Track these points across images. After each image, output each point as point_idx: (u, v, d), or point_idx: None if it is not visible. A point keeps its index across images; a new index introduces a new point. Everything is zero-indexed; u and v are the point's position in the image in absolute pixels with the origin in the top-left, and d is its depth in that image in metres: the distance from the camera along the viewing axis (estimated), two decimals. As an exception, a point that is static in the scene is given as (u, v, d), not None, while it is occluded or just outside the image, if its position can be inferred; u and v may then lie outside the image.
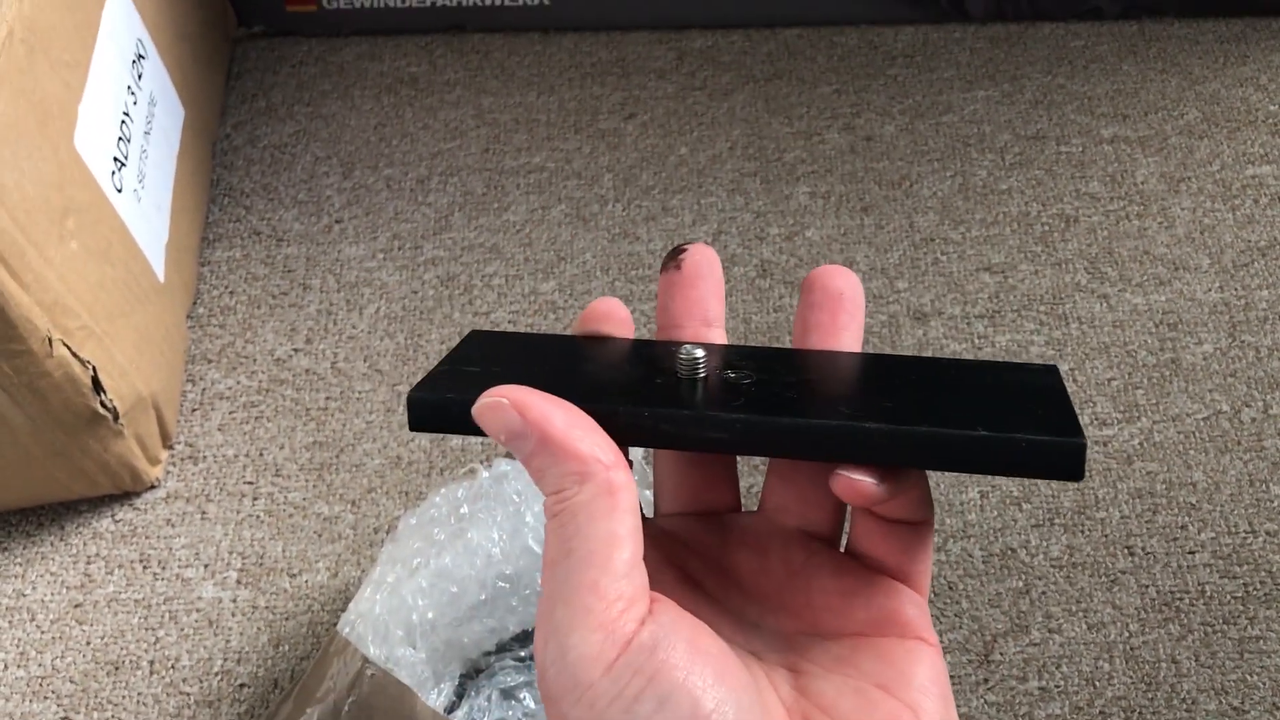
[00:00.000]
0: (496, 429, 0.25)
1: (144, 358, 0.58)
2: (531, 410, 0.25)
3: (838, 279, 0.30)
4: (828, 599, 0.28)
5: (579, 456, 0.25)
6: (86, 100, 0.54)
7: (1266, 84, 0.75)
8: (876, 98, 0.76)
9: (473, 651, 0.50)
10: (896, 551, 0.28)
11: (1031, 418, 0.25)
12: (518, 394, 0.25)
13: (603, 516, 0.24)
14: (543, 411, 0.25)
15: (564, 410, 0.25)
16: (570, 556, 0.24)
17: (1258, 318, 0.65)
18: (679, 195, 0.72)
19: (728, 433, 0.26)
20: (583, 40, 0.80)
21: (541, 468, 0.25)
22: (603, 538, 0.24)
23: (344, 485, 0.61)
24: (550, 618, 0.24)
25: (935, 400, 0.27)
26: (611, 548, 0.24)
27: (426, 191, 0.73)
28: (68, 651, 0.57)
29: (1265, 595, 0.57)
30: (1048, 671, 0.55)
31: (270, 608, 0.58)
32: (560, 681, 0.24)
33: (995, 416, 0.25)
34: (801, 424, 0.25)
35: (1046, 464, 0.24)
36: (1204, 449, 0.61)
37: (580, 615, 0.24)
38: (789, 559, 0.29)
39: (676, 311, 0.30)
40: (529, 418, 0.25)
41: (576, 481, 0.25)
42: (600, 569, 0.24)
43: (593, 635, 0.24)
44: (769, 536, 0.30)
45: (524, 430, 0.25)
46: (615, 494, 0.25)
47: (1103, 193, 0.71)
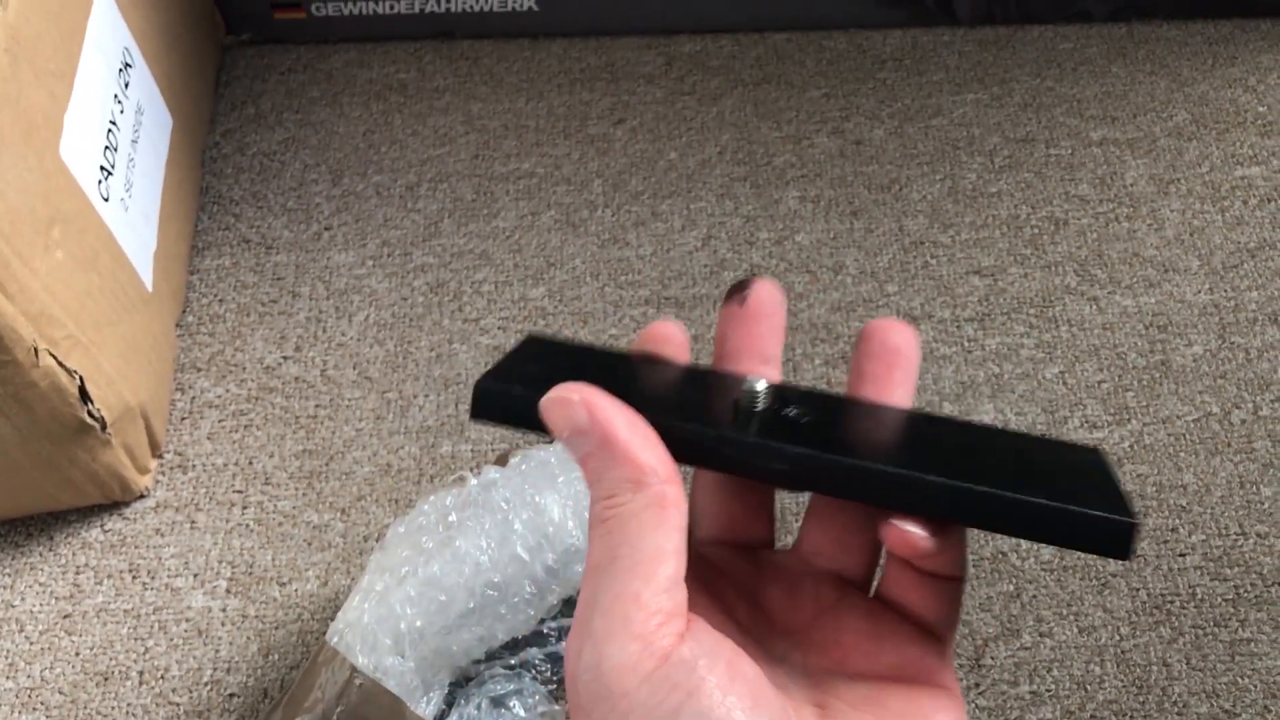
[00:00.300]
0: (561, 424, 0.25)
1: (132, 367, 0.58)
2: (599, 411, 0.25)
3: (896, 335, 0.30)
4: (857, 640, 0.28)
5: (637, 464, 0.25)
6: (72, 109, 0.54)
7: (1255, 85, 0.75)
8: (865, 101, 0.76)
9: (462, 660, 0.50)
10: (928, 604, 0.28)
11: (1086, 493, 0.26)
12: (588, 392, 0.25)
13: (652, 528, 0.24)
14: (609, 414, 0.25)
15: (629, 416, 0.25)
16: (615, 564, 0.24)
17: (1247, 319, 0.65)
18: (668, 200, 0.72)
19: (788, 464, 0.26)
20: (572, 46, 0.80)
21: (598, 470, 0.25)
22: (650, 549, 0.24)
23: (334, 493, 0.61)
24: (587, 624, 0.24)
25: (991, 463, 0.27)
26: (657, 561, 0.24)
27: (416, 198, 0.73)
28: (56, 662, 0.57)
29: (1256, 597, 0.56)
30: (1039, 675, 0.55)
31: (260, 617, 0.58)
32: (593, 689, 0.24)
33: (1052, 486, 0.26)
34: (863, 466, 0.26)
35: (1098, 539, 0.25)
36: (1194, 451, 0.61)
37: (619, 624, 0.24)
38: (820, 597, 0.30)
39: (735, 345, 0.30)
40: (596, 417, 0.25)
41: (631, 489, 0.25)
42: (644, 580, 0.24)
43: (631, 645, 0.23)
44: (801, 574, 0.30)
45: (588, 429, 0.25)
46: (667, 508, 0.25)
47: (1092, 195, 0.71)
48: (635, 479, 0.25)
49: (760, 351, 0.30)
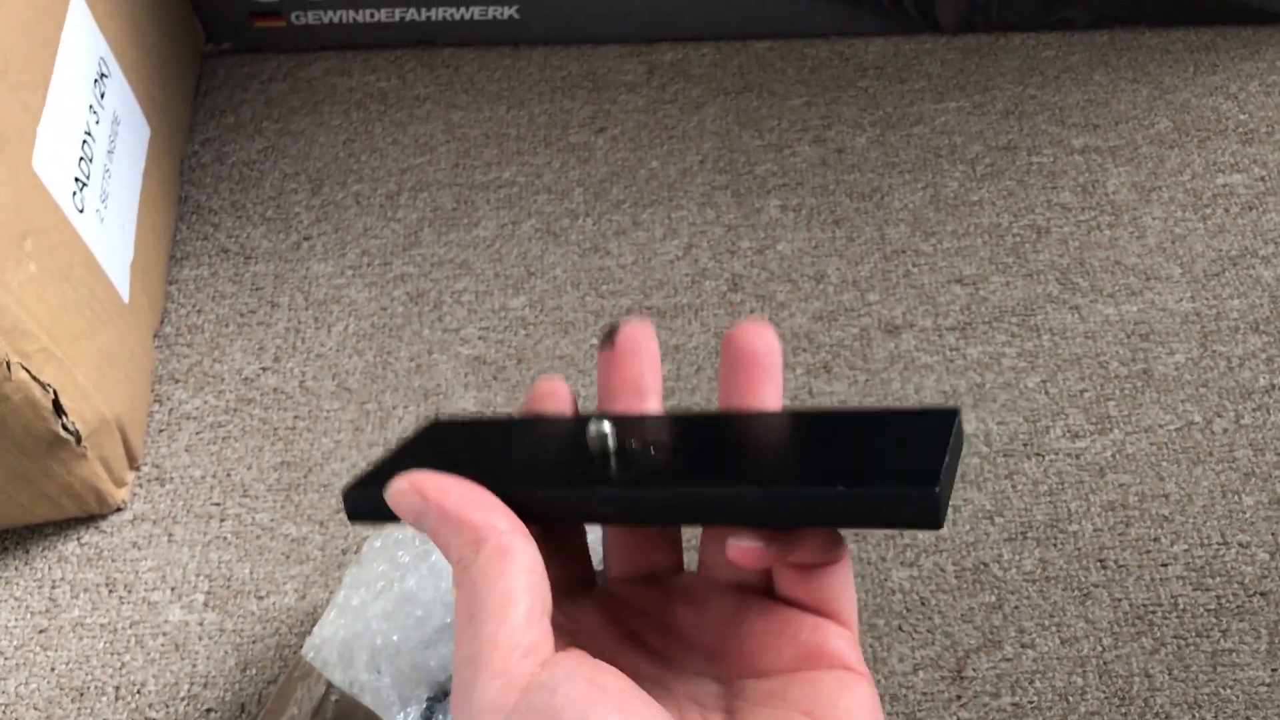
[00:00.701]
0: (405, 511, 0.28)
1: (107, 379, 0.57)
2: (430, 490, 0.27)
3: (754, 339, 0.31)
4: (759, 640, 0.30)
5: (472, 525, 0.27)
6: (45, 121, 0.54)
7: (1236, 93, 0.75)
8: (847, 110, 0.75)
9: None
10: (816, 592, 0.29)
11: (897, 468, 0.26)
12: (418, 477, 0.28)
13: (497, 577, 0.26)
14: (440, 489, 0.27)
15: (460, 486, 0.27)
16: (472, 619, 0.26)
17: (1229, 327, 0.65)
18: (650, 209, 0.71)
19: (611, 506, 0.28)
20: (553, 54, 0.79)
21: (445, 542, 0.27)
22: (498, 596, 0.26)
23: (312, 506, 0.61)
24: (459, 677, 0.26)
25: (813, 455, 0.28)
26: (507, 605, 0.26)
27: (396, 207, 0.72)
28: (32, 678, 0.56)
29: (1238, 607, 0.56)
30: (1021, 687, 0.55)
31: (237, 631, 0.57)
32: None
33: (861, 470, 0.26)
34: (676, 494, 0.27)
35: (903, 515, 0.25)
36: (1176, 460, 0.61)
37: (481, 667, 0.25)
38: (723, 609, 0.31)
39: (612, 386, 0.32)
40: (428, 497, 0.27)
41: (473, 549, 0.26)
42: (497, 624, 0.26)
43: (493, 682, 0.25)
44: (706, 591, 0.31)
45: (424, 509, 0.27)
46: (508, 556, 0.26)
47: (1074, 203, 0.71)
48: (474, 539, 0.26)
49: (635, 387, 0.32)
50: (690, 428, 0.31)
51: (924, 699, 0.54)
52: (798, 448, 0.29)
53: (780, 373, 0.31)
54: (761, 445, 0.29)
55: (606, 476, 0.28)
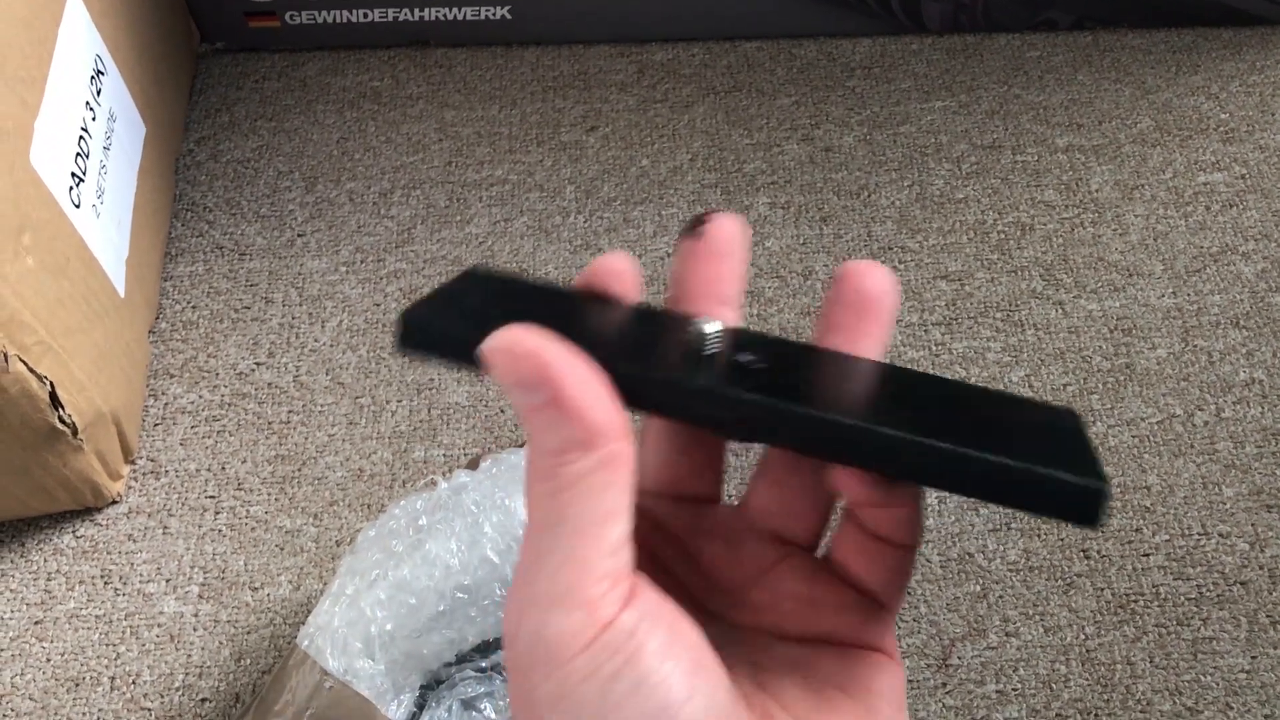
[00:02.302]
0: (507, 374, 0.23)
1: (103, 373, 0.58)
2: (551, 365, 0.23)
3: (870, 280, 0.27)
4: (795, 603, 0.27)
5: (590, 423, 0.23)
6: (43, 117, 0.54)
7: (1217, 93, 0.76)
8: (835, 109, 0.76)
9: (432, 663, 0.51)
10: (876, 570, 0.27)
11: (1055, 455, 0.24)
12: (539, 341, 0.23)
13: (601, 489, 0.23)
14: (561, 368, 0.23)
15: (583, 369, 0.23)
16: (562, 525, 0.23)
17: (1210, 322, 0.66)
18: (640, 207, 0.72)
19: (739, 413, 0.24)
20: (544, 54, 0.80)
21: (546, 425, 0.23)
22: (599, 512, 0.23)
23: (306, 498, 0.62)
24: (529, 586, 0.23)
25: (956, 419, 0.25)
26: (606, 523, 0.23)
27: (389, 205, 0.73)
28: (27, 668, 0.57)
29: (1218, 596, 0.57)
30: (1005, 675, 0.55)
31: (232, 621, 0.58)
32: (534, 654, 0.23)
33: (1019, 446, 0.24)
34: (817, 416, 0.23)
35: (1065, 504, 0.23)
36: (1158, 452, 0.62)
37: (565, 590, 0.23)
38: (761, 556, 0.28)
39: (691, 285, 0.28)
40: (547, 372, 0.23)
41: (582, 449, 0.23)
42: (592, 543, 0.23)
43: (575, 613, 0.22)
44: (744, 532, 0.29)
45: (537, 383, 0.23)
46: (618, 468, 0.23)
47: (1058, 201, 0.72)
48: (586, 439, 0.23)
49: (718, 292, 0.28)
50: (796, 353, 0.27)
51: (910, 686, 0.55)
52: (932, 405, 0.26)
53: (892, 321, 0.28)
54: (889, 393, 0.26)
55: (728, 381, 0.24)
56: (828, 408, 0.24)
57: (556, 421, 0.23)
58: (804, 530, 0.29)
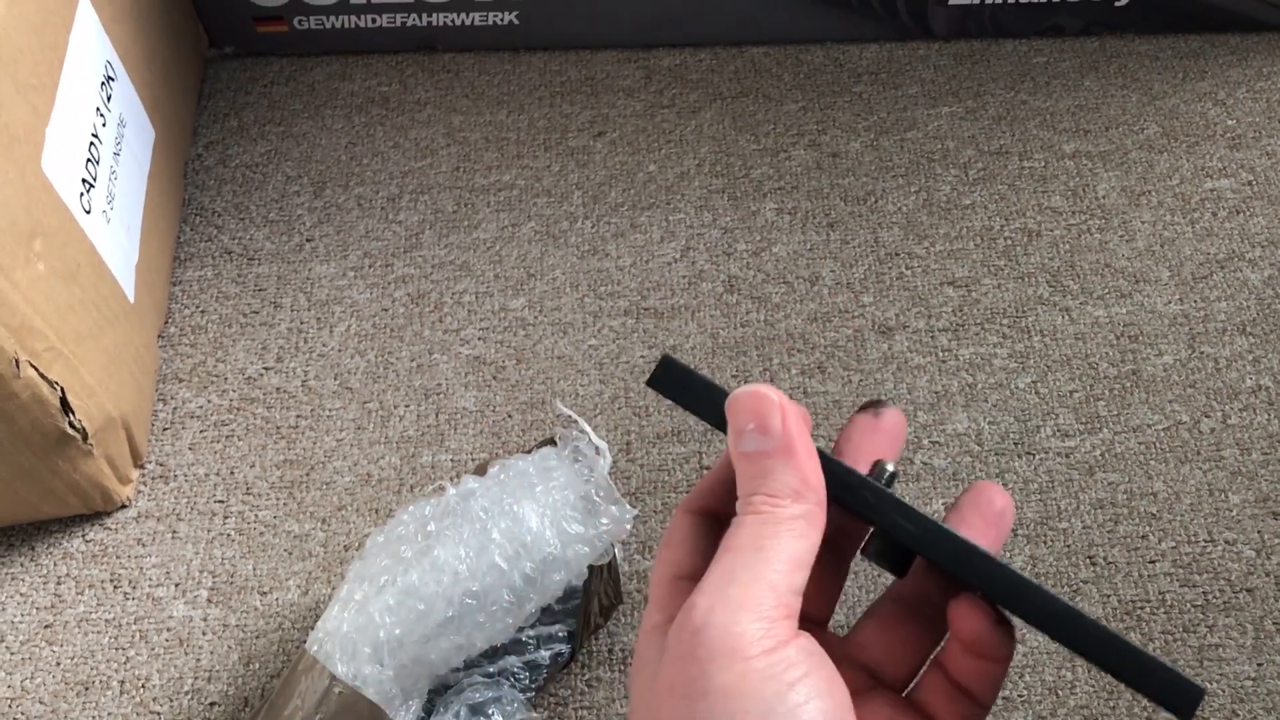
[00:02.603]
0: (749, 417, 0.28)
1: (113, 378, 0.58)
2: (790, 417, 0.28)
3: (1001, 500, 0.32)
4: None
5: (807, 479, 0.28)
6: (54, 123, 0.55)
7: (1224, 99, 0.76)
8: (842, 114, 0.77)
9: (441, 668, 0.51)
10: (952, 714, 0.31)
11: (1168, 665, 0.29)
12: (782, 397, 0.29)
13: (800, 537, 0.27)
14: (798, 423, 0.28)
15: (808, 434, 0.28)
16: (760, 552, 0.27)
17: (1216, 329, 0.66)
18: (648, 212, 0.72)
19: (915, 525, 0.29)
20: (552, 59, 0.80)
21: (767, 469, 0.28)
22: (794, 553, 0.27)
23: (314, 503, 0.62)
24: (724, 589, 0.27)
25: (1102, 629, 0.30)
26: (795, 565, 0.27)
27: (397, 210, 0.73)
28: (37, 672, 0.57)
29: (1224, 603, 0.57)
30: (1011, 681, 0.56)
31: (241, 626, 0.58)
32: (720, 644, 0.26)
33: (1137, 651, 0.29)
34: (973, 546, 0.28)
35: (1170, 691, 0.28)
36: (1164, 459, 0.62)
37: (753, 600, 0.26)
38: (854, 681, 0.31)
39: (858, 448, 0.33)
40: (787, 423, 0.28)
41: (794, 497, 0.28)
42: (782, 574, 0.27)
43: (757, 622, 0.26)
44: (842, 657, 0.32)
45: (775, 431, 0.28)
46: (816, 525, 0.28)
47: (1064, 207, 0.72)
48: (799, 490, 0.28)
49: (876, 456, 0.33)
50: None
51: (916, 693, 0.55)
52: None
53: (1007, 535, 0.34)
54: None
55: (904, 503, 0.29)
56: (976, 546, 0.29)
57: (780, 467, 0.28)
58: (896, 671, 0.33)
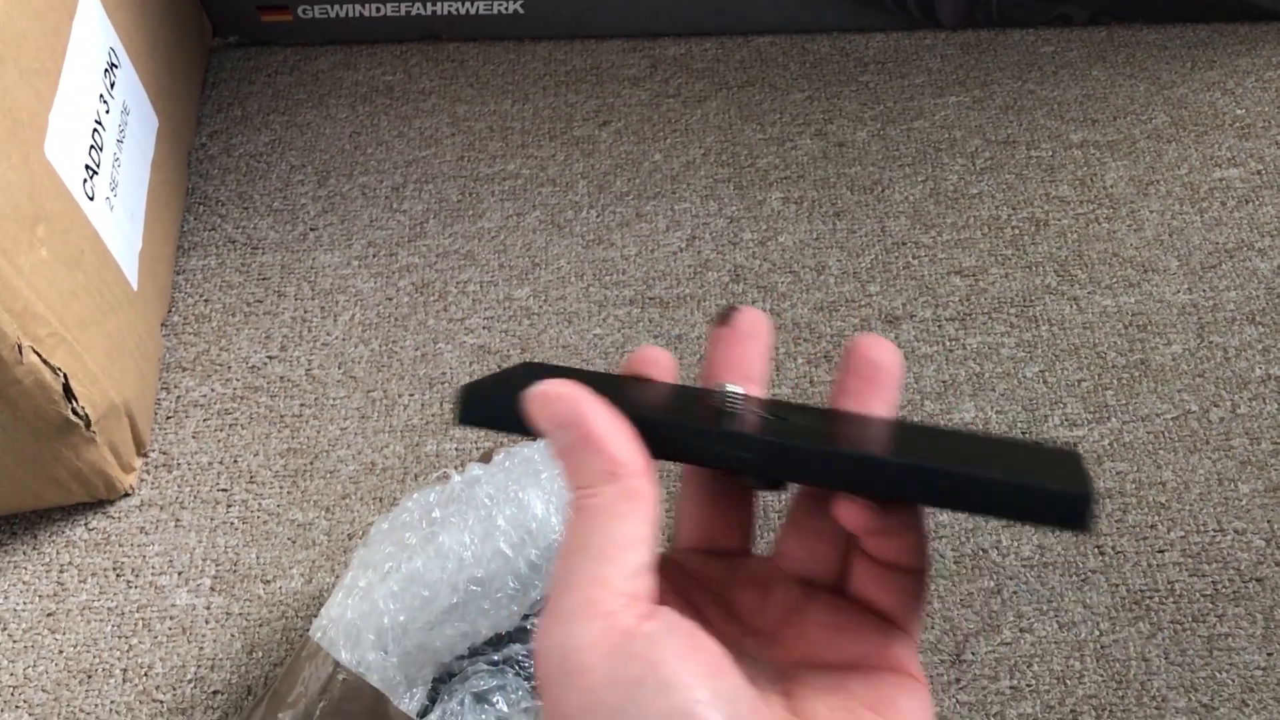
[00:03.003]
0: (544, 418, 0.27)
1: (116, 365, 0.58)
2: (580, 405, 0.27)
3: (877, 351, 0.31)
4: (822, 632, 0.30)
5: (613, 457, 0.26)
6: (57, 108, 0.54)
7: (1233, 88, 0.76)
8: (848, 104, 0.76)
9: (445, 655, 0.50)
10: (890, 596, 0.30)
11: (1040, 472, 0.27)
12: (570, 387, 0.27)
13: (622, 518, 0.26)
14: (589, 408, 0.27)
15: (608, 412, 0.27)
16: (586, 550, 0.26)
17: (1225, 318, 0.66)
18: (653, 201, 0.72)
19: (749, 451, 0.27)
20: (557, 49, 0.80)
21: (576, 462, 0.27)
22: (619, 537, 0.25)
23: (318, 491, 0.61)
24: (556, 605, 0.25)
25: (950, 450, 0.28)
26: (626, 548, 0.25)
27: (401, 199, 0.73)
28: (40, 660, 0.57)
29: (1234, 593, 0.57)
30: (1019, 670, 0.55)
31: (244, 614, 0.58)
32: (560, 667, 0.25)
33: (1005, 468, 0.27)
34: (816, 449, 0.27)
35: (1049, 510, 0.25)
36: (1173, 448, 0.61)
37: (586, 604, 0.25)
38: (789, 598, 0.31)
39: (720, 364, 0.32)
40: (576, 410, 0.27)
41: (605, 480, 0.26)
42: (612, 565, 0.25)
43: (595, 623, 0.25)
44: (773, 578, 0.32)
45: (569, 422, 0.27)
46: (638, 500, 0.26)
47: (1072, 196, 0.71)
48: (610, 471, 0.26)
49: (744, 369, 0.31)
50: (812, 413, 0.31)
51: (923, 682, 0.55)
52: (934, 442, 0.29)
53: (899, 387, 0.31)
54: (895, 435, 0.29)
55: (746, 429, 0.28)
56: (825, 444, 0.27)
57: (585, 456, 0.26)
58: (827, 571, 0.31)
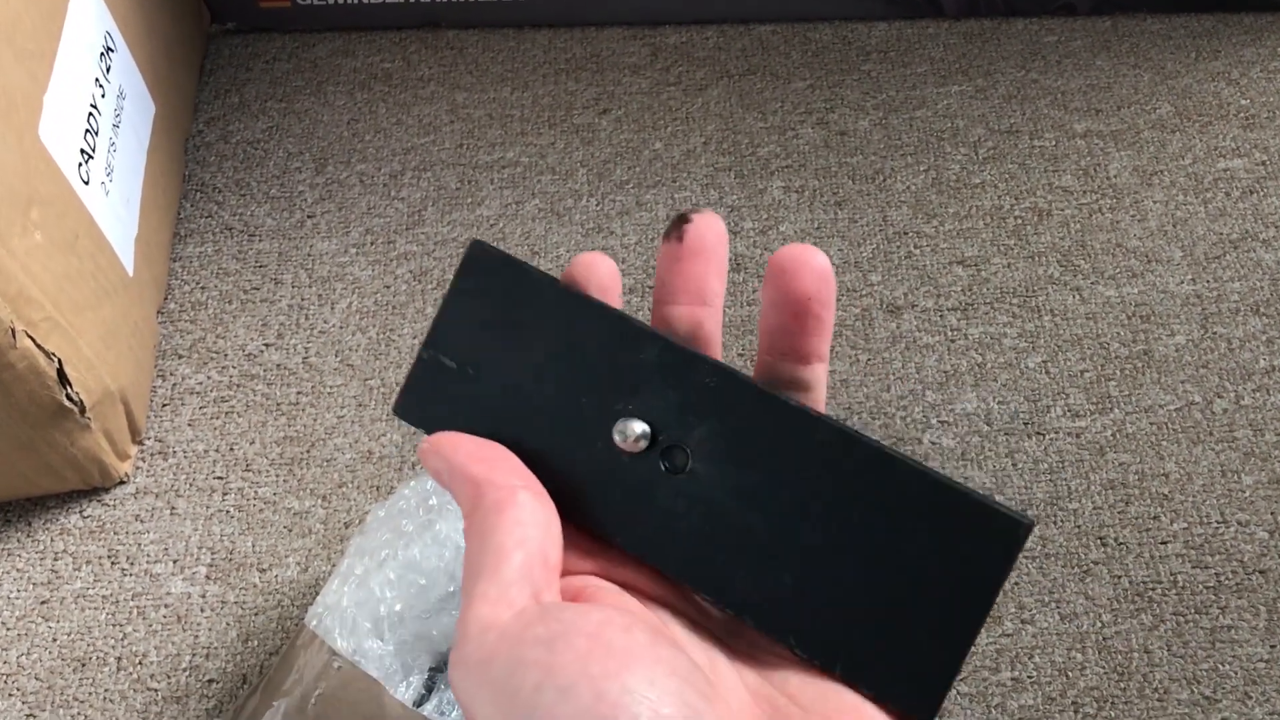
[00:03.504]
0: (429, 471, 0.29)
1: (111, 351, 0.58)
2: (444, 447, 0.28)
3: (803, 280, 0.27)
4: None
5: (473, 479, 0.27)
6: (52, 91, 0.54)
7: (1238, 79, 0.75)
8: (850, 93, 0.76)
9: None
10: None
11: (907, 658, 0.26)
12: (437, 440, 0.29)
13: (491, 532, 0.26)
14: (452, 447, 0.28)
15: (471, 443, 0.28)
16: (469, 571, 0.26)
17: (1229, 309, 0.65)
18: (653, 190, 0.72)
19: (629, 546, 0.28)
20: (557, 36, 0.79)
21: (457, 498, 0.28)
22: (491, 551, 0.26)
23: (314, 480, 0.61)
24: (459, 629, 0.26)
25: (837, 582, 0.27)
26: (500, 559, 0.26)
27: (399, 186, 0.72)
28: (33, 648, 0.56)
29: (1237, 585, 0.57)
30: (1020, 662, 0.55)
31: (239, 603, 0.57)
32: (465, 685, 0.25)
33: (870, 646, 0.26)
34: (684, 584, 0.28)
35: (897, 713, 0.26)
36: (1176, 440, 0.61)
37: (473, 619, 0.25)
38: None
39: (673, 285, 0.29)
40: (441, 453, 0.28)
41: (474, 504, 0.27)
42: (489, 578, 0.25)
43: (485, 635, 0.25)
44: None
45: (439, 466, 0.28)
46: (504, 511, 0.26)
47: (1075, 186, 0.71)
48: (475, 495, 0.27)
49: (698, 291, 0.29)
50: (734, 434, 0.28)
51: (924, 673, 0.54)
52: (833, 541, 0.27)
53: (832, 314, 0.28)
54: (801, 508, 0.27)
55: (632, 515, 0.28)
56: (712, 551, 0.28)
57: (456, 488, 0.28)
58: None
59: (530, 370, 0.30)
